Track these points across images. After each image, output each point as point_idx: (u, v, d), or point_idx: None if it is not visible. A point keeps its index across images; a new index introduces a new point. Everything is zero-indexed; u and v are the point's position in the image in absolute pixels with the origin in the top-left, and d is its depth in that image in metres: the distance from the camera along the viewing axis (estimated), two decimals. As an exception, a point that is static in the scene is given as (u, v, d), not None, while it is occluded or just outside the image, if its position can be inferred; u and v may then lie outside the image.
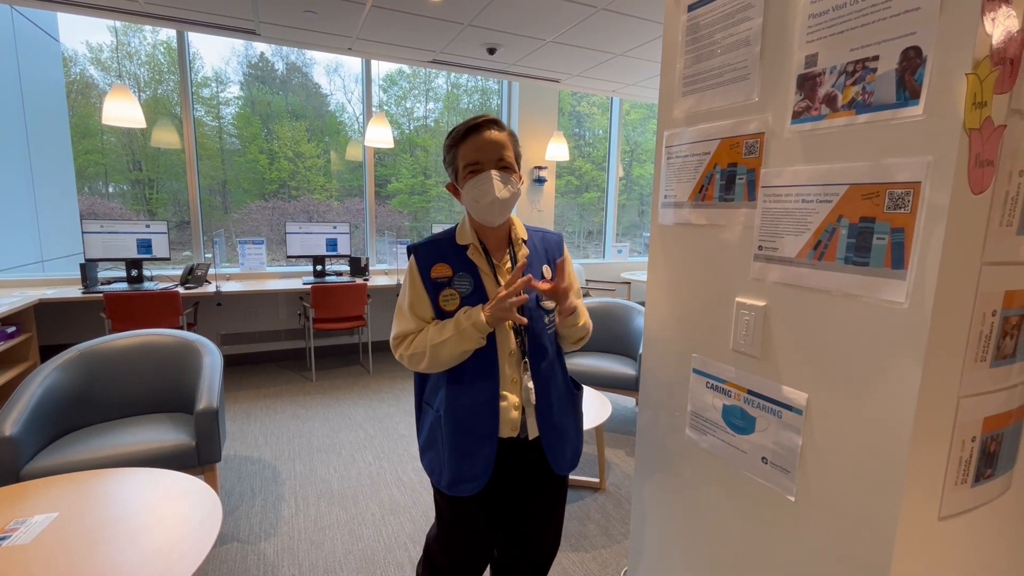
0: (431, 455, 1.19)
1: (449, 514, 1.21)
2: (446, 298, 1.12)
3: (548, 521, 1.28)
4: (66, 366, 2.05)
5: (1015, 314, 0.78)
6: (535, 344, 1.15)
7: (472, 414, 1.12)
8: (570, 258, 1.28)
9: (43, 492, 1.37)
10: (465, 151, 1.09)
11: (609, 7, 2.96)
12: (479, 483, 1.13)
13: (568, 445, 1.22)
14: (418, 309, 1.14)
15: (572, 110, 6.47)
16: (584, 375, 2.94)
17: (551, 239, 1.26)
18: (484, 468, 1.12)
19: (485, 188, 1.07)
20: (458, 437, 1.13)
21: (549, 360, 1.17)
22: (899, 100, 0.73)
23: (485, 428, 1.12)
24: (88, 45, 4.59)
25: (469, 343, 1.08)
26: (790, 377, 0.91)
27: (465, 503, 1.17)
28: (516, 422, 1.14)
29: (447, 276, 1.13)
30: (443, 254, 1.14)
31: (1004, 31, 0.67)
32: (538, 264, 1.20)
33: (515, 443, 1.16)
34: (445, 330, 1.09)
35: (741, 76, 0.96)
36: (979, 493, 0.83)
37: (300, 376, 4.02)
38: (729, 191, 1.00)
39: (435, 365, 1.11)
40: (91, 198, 4.89)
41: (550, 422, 1.17)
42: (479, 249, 1.15)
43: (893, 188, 0.74)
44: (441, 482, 1.16)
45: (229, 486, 2.41)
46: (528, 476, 1.20)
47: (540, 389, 1.15)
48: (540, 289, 1.10)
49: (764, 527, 0.97)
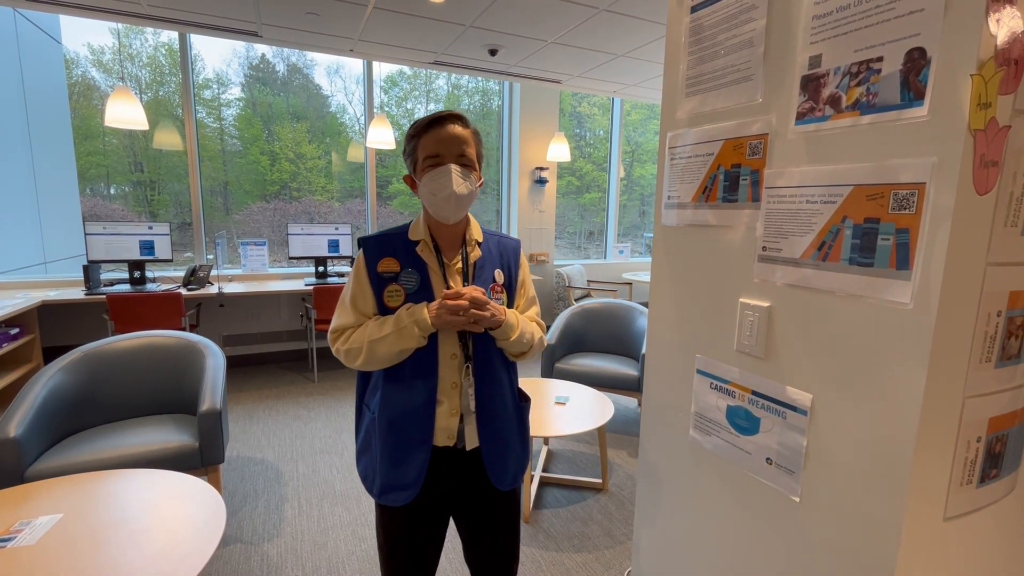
0: (365, 460, 1.14)
1: (383, 524, 1.15)
2: (391, 294, 1.08)
3: (497, 540, 1.19)
4: (69, 368, 2.05)
5: (1020, 315, 0.78)
6: (480, 348, 1.10)
7: (406, 417, 1.07)
8: (526, 266, 1.24)
9: (47, 493, 1.38)
10: (426, 143, 1.05)
11: (611, 8, 2.96)
12: (410, 493, 1.07)
13: (511, 459, 1.15)
14: (360, 303, 1.09)
15: (573, 111, 6.47)
16: (586, 376, 2.94)
17: (508, 245, 1.21)
18: (416, 477, 1.07)
19: (443, 181, 1.03)
20: (391, 442, 1.07)
21: (494, 367, 1.11)
22: (903, 101, 0.73)
23: (419, 434, 1.07)
24: (90, 47, 4.60)
25: (409, 341, 1.03)
26: (795, 378, 0.91)
27: (398, 513, 1.11)
28: (452, 430, 1.08)
29: (394, 271, 1.08)
30: (393, 248, 1.10)
31: (1009, 32, 0.67)
32: (491, 268, 1.15)
33: (451, 453, 1.10)
34: (385, 326, 1.04)
35: (745, 77, 0.96)
36: (984, 494, 0.82)
37: (302, 377, 4.02)
38: (733, 192, 1.00)
39: (372, 362, 1.06)
40: (93, 200, 4.90)
41: (492, 433, 1.11)
42: (430, 246, 1.11)
43: (898, 189, 0.74)
44: (373, 489, 1.11)
45: (232, 487, 2.41)
46: (469, 491, 1.14)
47: (482, 396, 1.09)
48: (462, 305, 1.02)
49: (768, 528, 0.97)
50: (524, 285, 1.22)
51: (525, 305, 1.22)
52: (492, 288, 1.13)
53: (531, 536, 2.10)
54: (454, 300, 1.02)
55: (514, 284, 1.19)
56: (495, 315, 1.06)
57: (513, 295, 1.19)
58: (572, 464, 2.71)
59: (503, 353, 1.15)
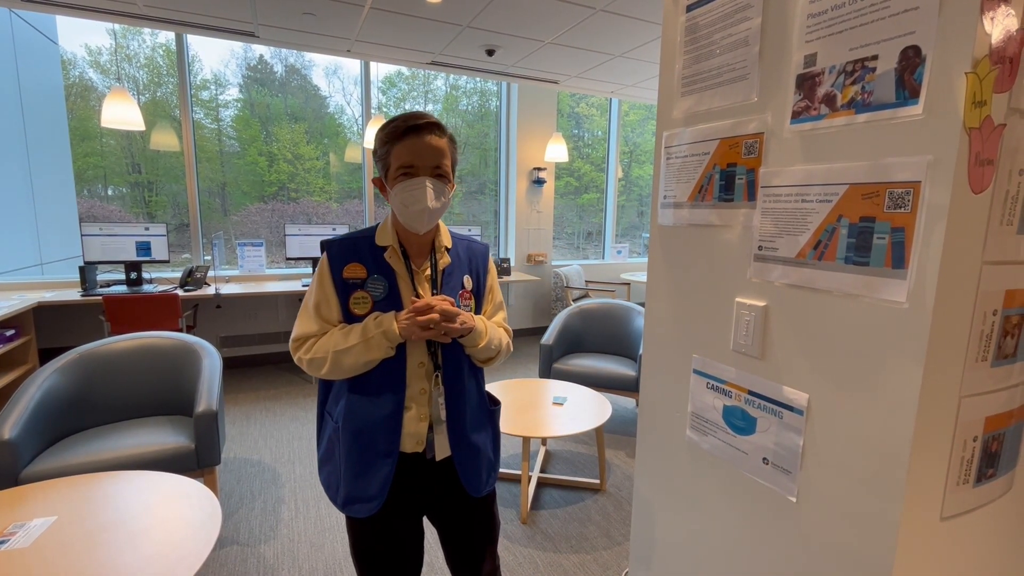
0: (328, 469, 1.12)
1: (350, 534, 1.14)
2: (357, 301, 1.04)
3: (475, 549, 1.18)
4: (65, 369, 2.04)
5: (1016, 313, 0.78)
6: (450, 356, 1.08)
7: (371, 429, 1.04)
8: (494, 270, 1.23)
9: (42, 495, 1.37)
10: (400, 151, 1.01)
11: (608, 8, 2.96)
12: (374, 504, 1.06)
13: (483, 465, 1.14)
14: (324, 310, 1.06)
15: (571, 111, 6.47)
16: (584, 376, 2.94)
17: (476, 249, 1.19)
18: (380, 489, 1.05)
19: (417, 195, 1.00)
20: (355, 453, 1.05)
21: (463, 374, 1.10)
22: (898, 99, 0.73)
23: (384, 445, 1.04)
24: (87, 48, 4.59)
25: (376, 352, 1.01)
26: (791, 377, 0.91)
27: (362, 524, 1.10)
28: (421, 435, 1.07)
29: (360, 278, 1.05)
30: (359, 254, 1.06)
31: (1003, 30, 0.67)
32: (459, 274, 1.13)
33: (419, 461, 1.09)
34: (351, 336, 1.01)
35: (740, 76, 0.96)
36: (981, 493, 0.82)
37: (299, 378, 4.01)
38: (729, 191, 1.00)
39: (336, 372, 1.03)
40: (90, 201, 4.88)
41: (462, 439, 1.10)
42: (398, 253, 1.08)
43: (893, 187, 0.74)
44: (337, 500, 1.09)
45: (228, 489, 2.40)
46: (440, 499, 1.13)
47: (452, 404, 1.08)
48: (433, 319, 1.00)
49: (766, 528, 0.97)
50: (492, 291, 1.21)
51: (492, 310, 1.21)
52: (461, 295, 1.12)
53: (529, 537, 2.10)
54: (425, 315, 1.00)
55: (482, 290, 1.18)
56: (465, 323, 1.05)
57: (481, 301, 1.17)
58: (570, 465, 2.70)
59: (471, 359, 1.14)
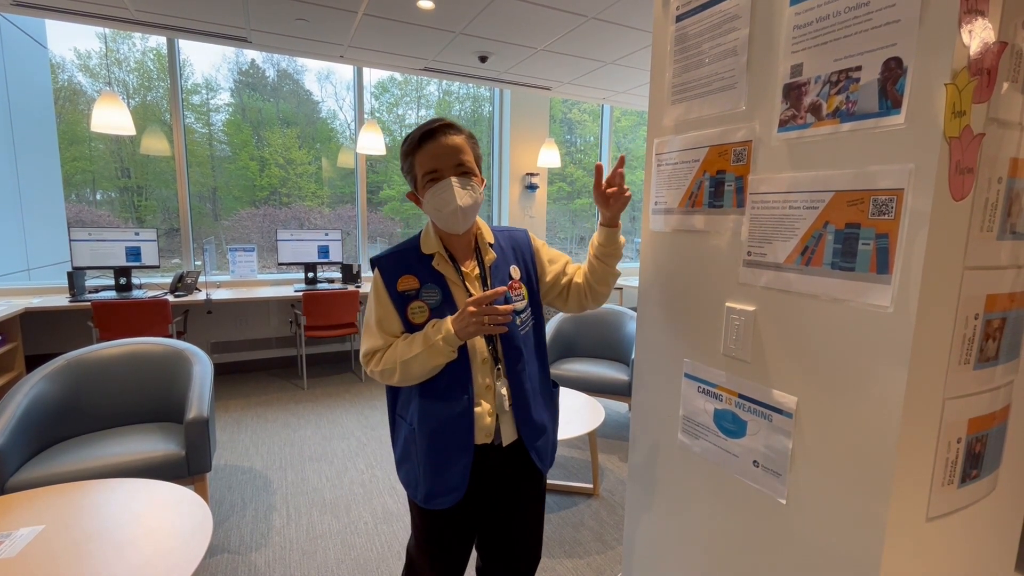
0: (407, 467, 1.16)
1: (426, 527, 1.19)
2: (414, 311, 1.08)
3: (530, 524, 1.25)
4: (53, 376, 2.02)
5: (997, 317, 0.80)
6: (509, 347, 1.12)
7: (446, 427, 1.09)
8: (540, 243, 1.25)
9: (29, 504, 1.35)
10: (422, 159, 1.05)
11: (599, 16, 2.99)
12: (456, 496, 1.10)
13: (548, 443, 1.20)
14: (386, 325, 1.10)
15: (563, 117, 6.51)
16: (577, 381, 2.94)
17: (518, 237, 1.22)
18: (460, 481, 1.10)
19: (446, 197, 1.03)
20: (433, 451, 1.10)
21: (524, 361, 1.14)
22: (881, 109, 0.74)
23: (460, 441, 1.09)
24: (76, 51, 4.56)
25: (440, 357, 1.04)
26: (780, 381, 0.92)
27: (442, 516, 1.15)
28: (490, 428, 1.12)
29: (414, 288, 1.09)
30: (408, 265, 1.10)
31: (981, 42, 0.69)
32: (506, 266, 1.16)
33: (490, 450, 1.13)
34: (414, 345, 1.05)
35: (729, 85, 0.98)
36: (966, 494, 0.84)
37: (291, 384, 3.98)
38: (718, 198, 1.01)
39: (407, 380, 1.07)
40: (79, 206, 4.84)
41: (529, 421, 1.14)
42: (445, 257, 1.11)
43: (877, 195, 0.75)
44: (417, 495, 1.14)
45: (219, 496, 2.38)
46: (505, 483, 1.18)
47: (516, 391, 1.12)
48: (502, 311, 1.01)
49: (756, 530, 0.98)
50: (553, 261, 1.23)
51: (562, 267, 1.23)
52: (510, 286, 1.14)
53: (522, 542, 2.09)
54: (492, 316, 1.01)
55: (532, 276, 1.20)
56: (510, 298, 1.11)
57: (533, 288, 1.20)
58: (563, 469, 2.70)
59: (532, 345, 1.17)
